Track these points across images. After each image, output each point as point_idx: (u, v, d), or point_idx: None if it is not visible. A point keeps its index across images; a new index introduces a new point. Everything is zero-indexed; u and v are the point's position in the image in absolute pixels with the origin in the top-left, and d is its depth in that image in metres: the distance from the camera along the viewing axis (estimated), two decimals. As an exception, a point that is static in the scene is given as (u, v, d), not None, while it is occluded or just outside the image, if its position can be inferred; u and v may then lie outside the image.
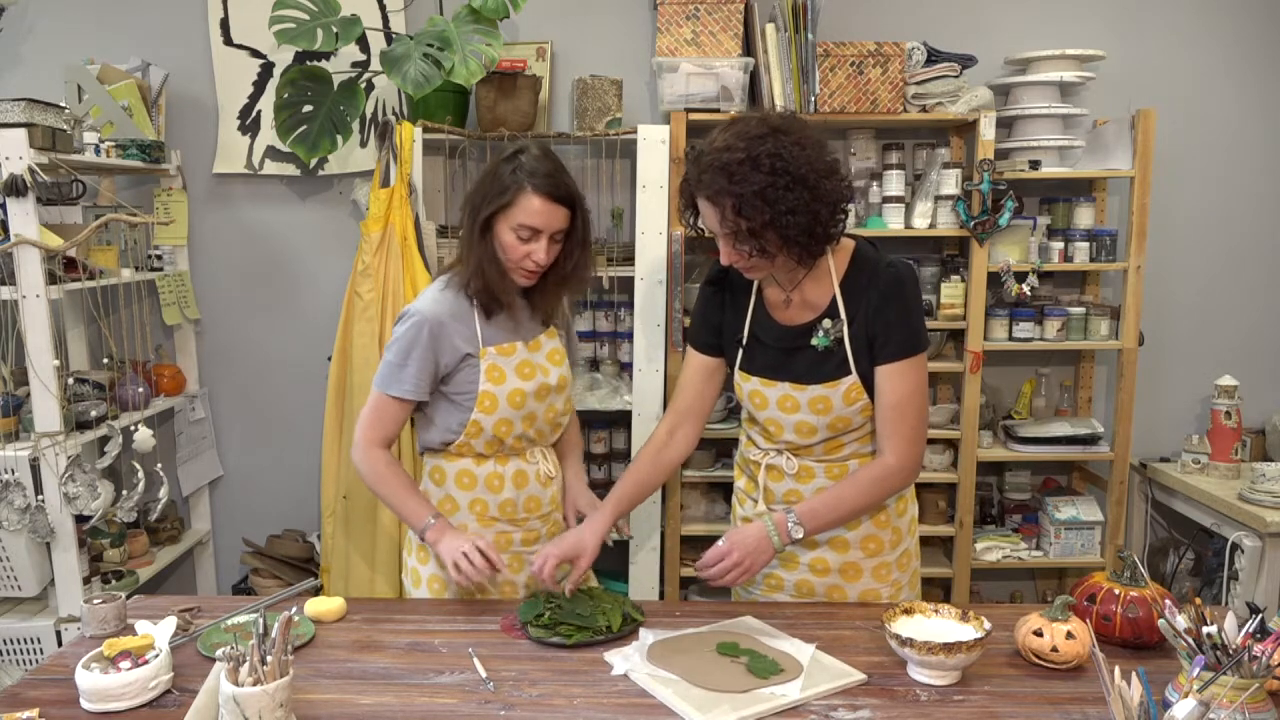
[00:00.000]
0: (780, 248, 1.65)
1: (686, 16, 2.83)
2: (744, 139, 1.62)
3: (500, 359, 1.86)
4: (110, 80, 2.88)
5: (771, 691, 1.45)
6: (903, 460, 1.76)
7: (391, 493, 1.85)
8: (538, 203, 1.75)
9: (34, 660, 2.54)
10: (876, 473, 1.77)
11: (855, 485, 1.77)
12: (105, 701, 1.39)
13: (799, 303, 1.80)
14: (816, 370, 1.76)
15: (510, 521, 1.92)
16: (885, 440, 1.77)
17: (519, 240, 1.78)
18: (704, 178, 1.65)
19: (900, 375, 1.73)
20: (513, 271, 1.82)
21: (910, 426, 1.75)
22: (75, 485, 2.44)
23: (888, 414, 1.75)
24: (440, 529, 1.80)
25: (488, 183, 1.80)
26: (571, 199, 1.80)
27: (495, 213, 1.78)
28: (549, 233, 1.78)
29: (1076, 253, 3.02)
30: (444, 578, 1.91)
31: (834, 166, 1.67)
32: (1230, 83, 3.16)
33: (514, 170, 1.77)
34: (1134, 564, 1.64)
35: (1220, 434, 3.00)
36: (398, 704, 1.43)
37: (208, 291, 3.24)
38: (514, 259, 1.80)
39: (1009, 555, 3.09)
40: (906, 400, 1.74)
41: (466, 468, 1.89)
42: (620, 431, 3.11)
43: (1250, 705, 1.28)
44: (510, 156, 1.80)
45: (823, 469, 1.83)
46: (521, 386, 1.86)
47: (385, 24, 3.08)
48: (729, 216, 1.63)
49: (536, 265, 1.80)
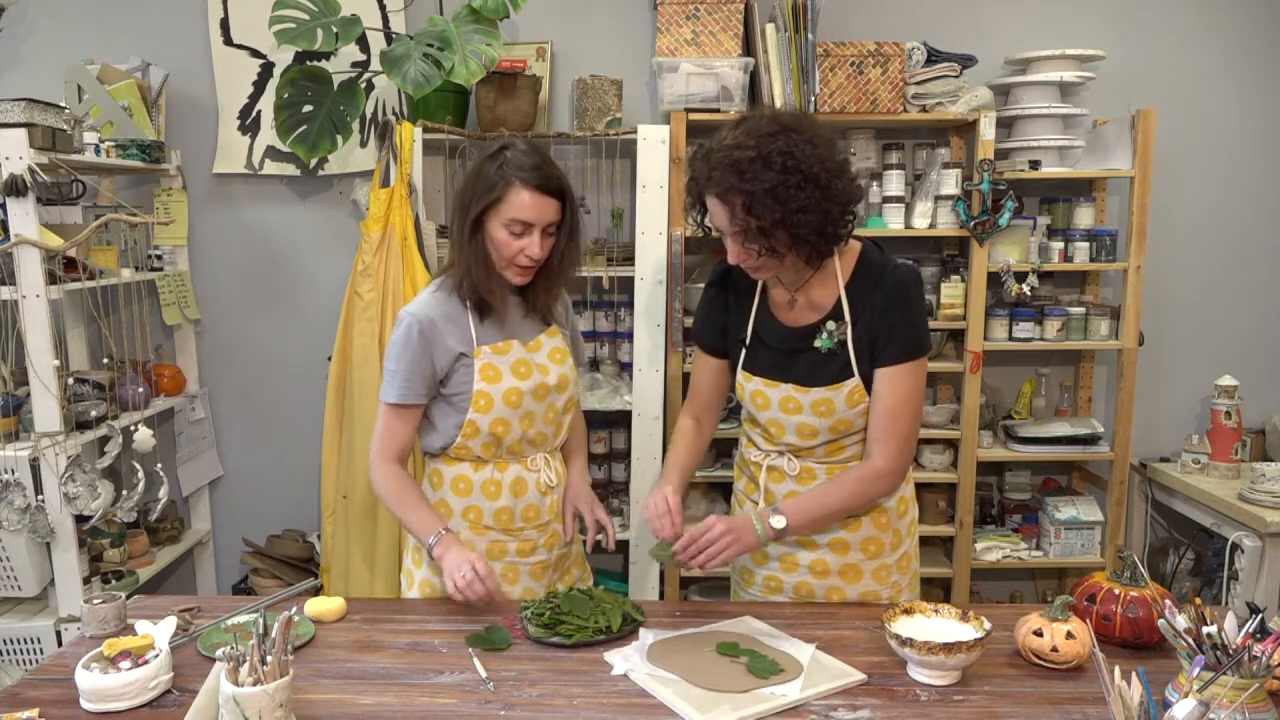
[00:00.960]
0: (790, 247, 1.64)
1: (686, 16, 2.83)
2: (755, 136, 1.61)
3: (495, 358, 1.84)
4: (110, 80, 2.88)
5: (771, 691, 1.45)
6: (891, 464, 1.75)
7: (400, 506, 1.82)
8: (527, 196, 1.73)
9: (34, 660, 2.54)
10: (864, 474, 1.76)
11: (841, 486, 1.76)
12: (105, 701, 1.39)
13: (804, 304, 1.79)
14: (819, 372, 1.76)
15: (505, 530, 1.87)
16: (876, 443, 1.76)
17: (511, 236, 1.75)
18: (714, 175, 1.64)
19: (899, 378, 1.73)
20: (506, 269, 1.80)
21: (903, 431, 1.75)
22: (75, 485, 2.44)
23: (882, 416, 1.74)
24: (447, 544, 1.76)
25: (474, 181, 1.78)
26: (561, 190, 1.78)
27: (485, 210, 1.76)
28: (541, 226, 1.76)
29: (1076, 253, 3.02)
30: (436, 584, 1.89)
31: (845, 165, 1.67)
32: (1230, 83, 3.16)
33: (500, 166, 1.75)
34: (1134, 564, 1.64)
35: (1220, 434, 3.00)
36: (398, 704, 1.43)
37: (208, 291, 3.24)
38: (507, 255, 1.78)
39: (1009, 555, 3.09)
40: (903, 404, 1.73)
41: (464, 473, 1.86)
42: (620, 431, 3.11)
43: (1250, 705, 1.28)
44: (495, 153, 1.78)
45: (824, 470, 1.83)
46: (518, 385, 1.83)
47: (385, 24, 3.08)
48: (739, 214, 1.63)
49: (531, 260, 1.78)
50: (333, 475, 2.88)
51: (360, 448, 2.79)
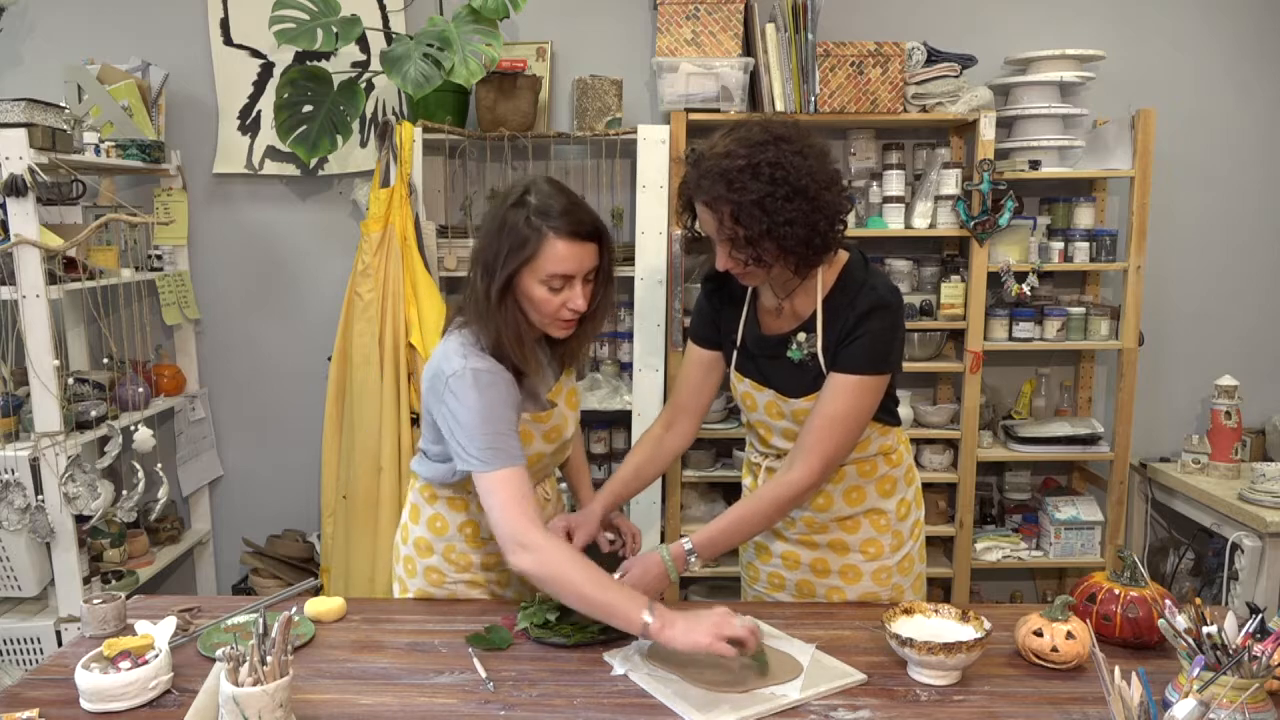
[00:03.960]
0: (777, 257, 1.63)
1: (686, 16, 2.83)
2: (745, 145, 1.60)
3: (533, 425, 1.72)
4: (110, 80, 2.88)
5: (771, 691, 1.45)
6: (812, 479, 1.69)
7: (600, 588, 1.49)
8: (564, 247, 1.56)
9: (34, 660, 2.54)
10: (780, 493, 1.70)
11: (757, 504, 1.72)
12: (105, 701, 1.39)
13: (788, 312, 1.78)
14: (796, 382, 1.75)
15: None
16: (802, 452, 1.68)
17: (551, 292, 1.59)
18: (703, 183, 1.62)
19: (848, 390, 1.67)
20: (549, 325, 1.65)
21: (833, 447, 1.68)
22: (75, 485, 2.44)
23: (818, 424, 1.68)
24: (662, 620, 1.45)
25: (499, 235, 1.59)
26: (598, 232, 1.62)
27: (518, 269, 1.58)
28: (581, 275, 1.60)
29: (1076, 253, 3.02)
30: (433, 595, 1.84)
31: (835, 177, 1.64)
32: (1230, 83, 3.16)
33: (528, 216, 1.57)
34: (1134, 564, 1.64)
35: (1220, 434, 3.00)
36: (397, 704, 1.43)
37: (208, 291, 3.24)
38: (548, 313, 1.61)
39: (1009, 555, 3.09)
40: (844, 416, 1.67)
41: (459, 488, 1.80)
42: (620, 431, 3.11)
43: (1250, 705, 1.28)
44: (519, 201, 1.59)
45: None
46: (544, 450, 1.75)
47: (385, 24, 3.08)
48: (726, 223, 1.62)
49: (574, 313, 1.62)
50: (333, 475, 2.88)
51: (360, 448, 2.79)
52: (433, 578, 1.84)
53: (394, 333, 2.75)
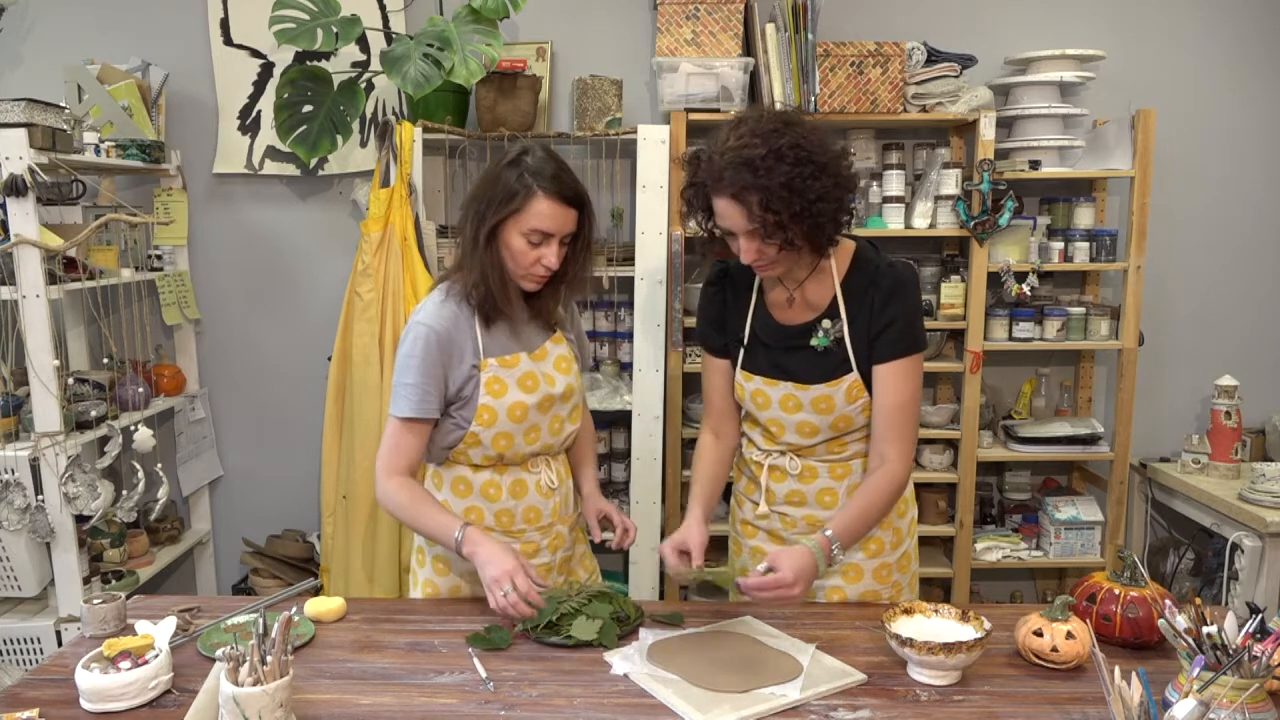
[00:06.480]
0: (807, 237, 1.65)
1: (686, 16, 2.83)
2: (760, 134, 1.62)
3: (502, 371, 1.79)
4: (110, 80, 2.88)
5: (771, 691, 1.45)
6: (907, 463, 1.77)
7: (416, 516, 1.74)
8: (548, 206, 1.70)
9: (34, 660, 2.54)
10: (887, 482, 1.76)
11: (876, 496, 1.75)
12: (105, 701, 1.39)
13: (800, 302, 1.80)
14: (817, 369, 1.76)
15: (506, 532, 1.84)
16: (888, 443, 1.75)
17: (529, 245, 1.72)
18: (725, 174, 1.63)
19: (903, 374, 1.74)
20: (522, 278, 1.77)
21: (911, 428, 1.77)
22: (75, 485, 2.44)
23: (892, 414, 1.75)
24: (473, 539, 1.67)
25: (492, 188, 1.73)
26: (581, 200, 1.76)
27: (504, 219, 1.72)
28: (559, 236, 1.73)
29: (1076, 253, 3.02)
30: (438, 584, 1.88)
31: (844, 150, 1.70)
32: (1230, 83, 3.16)
33: (520, 174, 1.71)
34: (1134, 564, 1.64)
35: (1220, 434, 3.00)
36: (397, 704, 1.43)
37: (208, 291, 3.24)
38: (524, 265, 1.74)
39: (1009, 555, 3.09)
40: (910, 401, 1.75)
41: (463, 475, 1.83)
42: (620, 431, 3.11)
43: (1250, 705, 1.28)
44: (514, 160, 1.73)
45: (826, 469, 1.83)
46: (523, 399, 1.79)
47: (385, 24, 3.08)
48: (756, 212, 1.62)
49: (547, 270, 1.75)
50: (333, 475, 2.88)
51: (360, 448, 2.79)
52: (439, 567, 1.87)
53: (394, 333, 2.75)
